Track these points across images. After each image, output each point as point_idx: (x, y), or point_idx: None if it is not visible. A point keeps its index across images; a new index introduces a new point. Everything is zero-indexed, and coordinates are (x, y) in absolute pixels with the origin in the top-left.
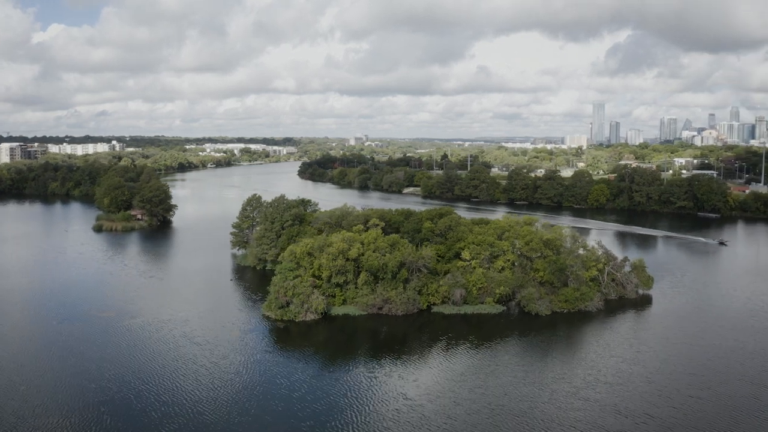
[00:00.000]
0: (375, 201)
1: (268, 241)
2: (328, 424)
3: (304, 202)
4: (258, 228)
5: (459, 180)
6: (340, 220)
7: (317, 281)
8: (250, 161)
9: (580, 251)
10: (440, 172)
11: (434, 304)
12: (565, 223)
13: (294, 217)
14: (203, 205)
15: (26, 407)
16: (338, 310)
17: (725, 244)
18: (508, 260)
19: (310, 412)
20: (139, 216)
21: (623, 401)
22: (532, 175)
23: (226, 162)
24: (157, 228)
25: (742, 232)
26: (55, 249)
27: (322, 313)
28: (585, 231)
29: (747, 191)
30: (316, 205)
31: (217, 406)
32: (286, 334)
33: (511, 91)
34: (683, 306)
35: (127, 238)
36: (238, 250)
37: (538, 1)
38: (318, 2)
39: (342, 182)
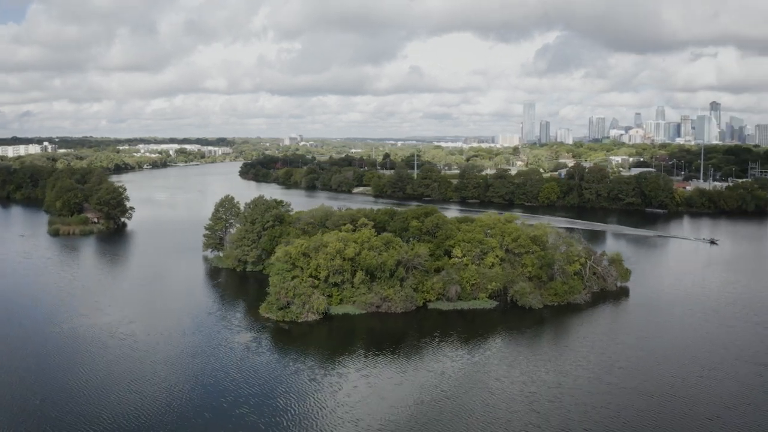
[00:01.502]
0: (327, 201)
1: (248, 242)
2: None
3: (278, 203)
4: (236, 229)
5: (410, 179)
6: (323, 221)
7: (314, 281)
8: (185, 162)
9: (563, 247)
10: (389, 171)
11: (429, 300)
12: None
13: (274, 218)
14: (156, 207)
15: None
16: (337, 310)
17: (716, 243)
18: (497, 256)
19: (368, 411)
20: (95, 219)
21: (642, 384)
22: (484, 173)
23: (162, 163)
24: (115, 231)
25: (693, 226)
26: (18, 254)
27: (322, 313)
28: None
29: (688, 188)
30: (289, 205)
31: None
32: (295, 336)
33: (442, 91)
34: (659, 295)
35: (88, 242)
36: (211, 252)
37: (471, 2)
38: (251, 2)
39: (288, 182)
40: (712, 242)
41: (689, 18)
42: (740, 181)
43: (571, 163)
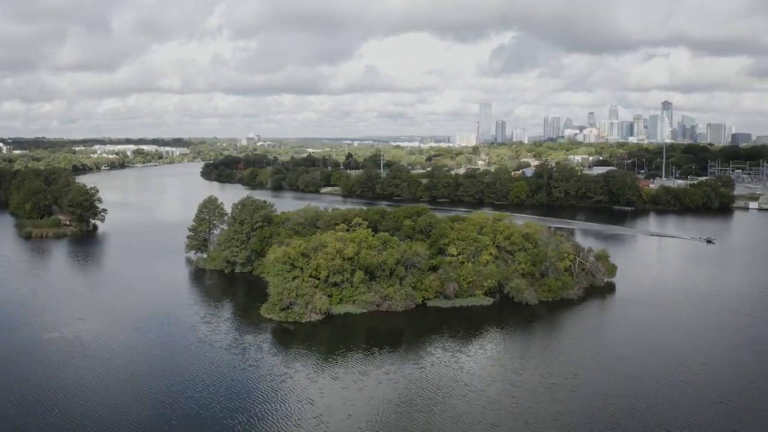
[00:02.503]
0: (295, 201)
1: (237, 243)
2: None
3: (265, 204)
4: (224, 230)
5: (379, 179)
6: (314, 221)
7: (315, 281)
8: (143, 163)
9: (553, 244)
10: (355, 171)
11: (428, 298)
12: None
13: (263, 218)
14: (124, 209)
15: None
16: (338, 310)
17: (713, 242)
18: (491, 254)
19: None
20: (67, 221)
21: (652, 372)
22: (453, 173)
23: (119, 164)
24: (88, 234)
25: (660, 223)
26: None
27: (325, 313)
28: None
29: (651, 185)
30: (272, 206)
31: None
32: (303, 336)
33: (398, 90)
34: (647, 290)
35: (63, 245)
36: (195, 253)
37: (429, 2)
38: (207, 0)
39: (252, 183)
40: (709, 241)
41: (643, 19)
42: (703, 178)
43: (534, 162)
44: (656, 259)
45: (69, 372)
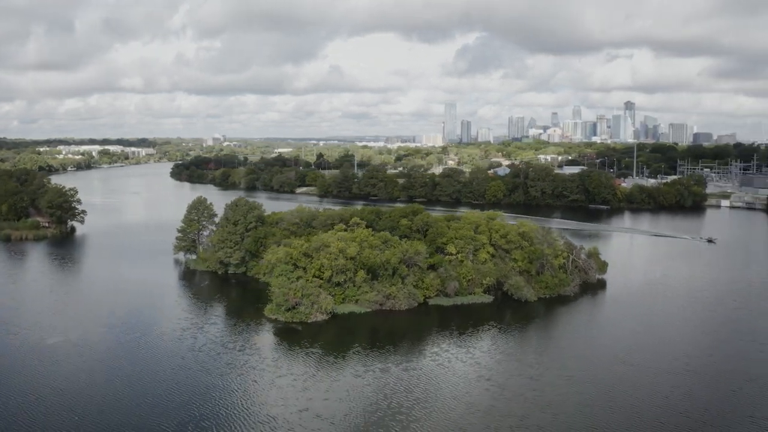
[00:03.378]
0: (272, 202)
1: (231, 244)
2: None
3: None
4: (216, 231)
5: (355, 179)
6: (309, 221)
7: (318, 281)
8: (109, 163)
9: (548, 242)
10: (333, 171)
11: (429, 297)
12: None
13: (257, 219)
14: (99, 211)
15: None
16: (342, 309)
17: (714, 242)
18: (488, 252)
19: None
20: (46, 223)
21: (661, 364)
22: (430, 172)
23: (86, 164)
24: (68, 236)
25: (635, 220)
26: None
27: (330, 313)
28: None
29: (623, 184)
30: (261, 206)
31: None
32: (314, 336)
33: (362, 90)
34: (638, 286)
35: (45, 247)
36: (185, 255)
37: (395, 3)
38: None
39: (225, 183)
40: (710, 241)
41: (606, 20)
42: (673, 177)
43: (505, 162)
44: (649, 257)
45: (82, 377)
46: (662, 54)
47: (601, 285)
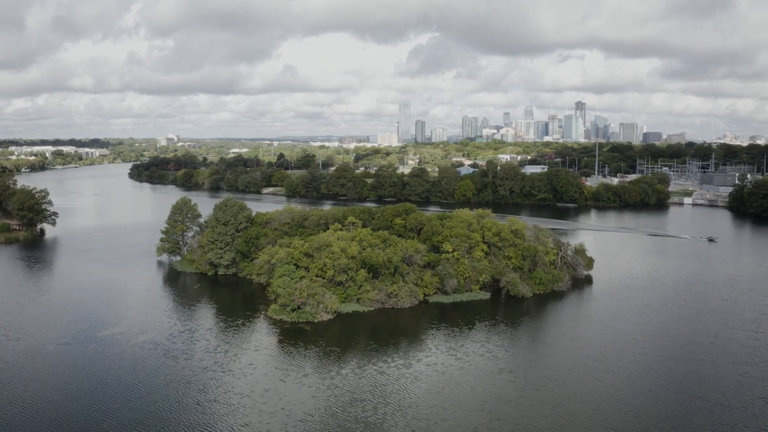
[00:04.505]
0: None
1: (222, 245)
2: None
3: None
4: (197, 232)
5: (324, 179)
6: (300, 221)
7: (322, 281)
8: (63, 164)
9: (539, 239)
10: (301, 171)
11: (428, 295)
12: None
13: (246, 219)
14: (68, 213)
15: None
16: (345, 308)
17: (714, 241)
18: (482, 250)
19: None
20: (16, 226)
21: (667, 352)
22: (399, 172)
23: (39, 165)
24: (39, 239)
25: (602, 218)
26: None
27: (335, 312)
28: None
29: (587, 182)
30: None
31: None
32: (329, 335)
33: (315, 90)
34: (625, 281)
35: (20, 250)
36: (169, 257)
37: (350, 3)
38: None
39: (188, 184)
40: (711, 240)
41: (559, 21)
42: (634, 176)
43: (467, 162)
44: (637, 254)
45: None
46: (613, 55)
47: (589, 280)
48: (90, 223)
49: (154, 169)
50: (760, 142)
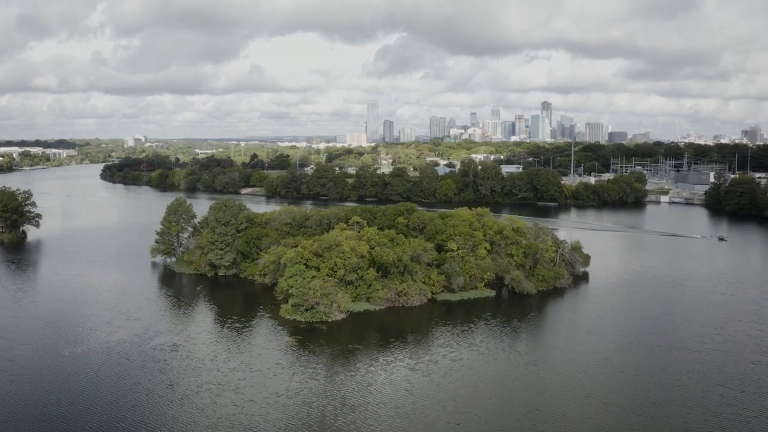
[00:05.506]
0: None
1: (222, 245)
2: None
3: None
4: (205, 232)
5: (304, 179)
6: (302, 221)
7: (333, 280)
8: (31, 166)
9: (540, 237)
10: (280, 172)
11: (435, 293)
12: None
13: (246, 220)
14: (48, 215)
15: None
16: (356, 307)
17: (725, 240)
18: (485, 248)
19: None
20: (1, 229)
21: (683, 342)
22: (379, 172)
23: (7, 167)
24: (22, 240)
25: (581, 216)
26: None
27: (347, 312)
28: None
29: (564, 181)
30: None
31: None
32: (346, 334)
33: (282, 90)
34: (620, 277)
35: (6, 253)
36: (164, 258)
37: (317, 3)
38: None
39: (163, 185)
40: (721, 239)
41: (525, 23)
42: (608, 175)
43: (443, 161)
44: (637, 253)
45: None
46: (578, 56)
47: (585, 277)
48: (72, 225)
49: (127, 170)
50: (725, 141)
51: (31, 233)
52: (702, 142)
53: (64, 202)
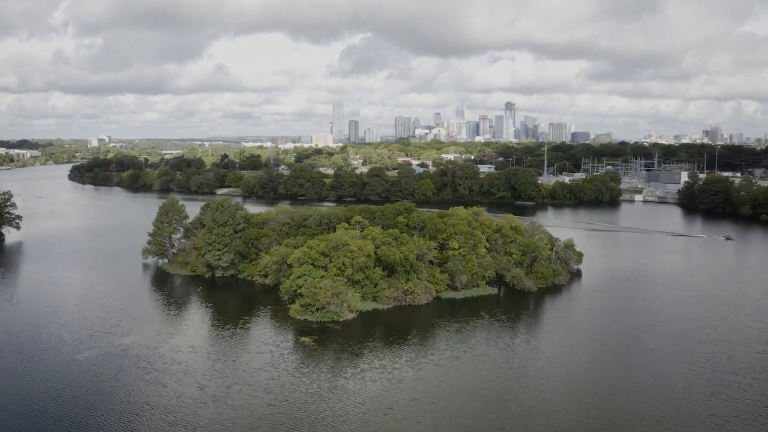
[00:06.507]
0: (194, 204)
1: (220, 246)
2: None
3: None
4: (202, 233)
5: (281, 179)
6: (300, 221)
7: (341, 280)
8: None
9: (536, 235)
10: (256, 172)
11: (439, 291)
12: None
13: (244, 220)
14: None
15: None
16: (365, 306)
17: (731, 239)
18: (485, 247)
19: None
20: None
21: (690, 333)
22: (357, 172)
23: None
24: (1, 243)
25: (558, 215)
26: None
27: (357, 311)
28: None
29: (539, 181)
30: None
31: None
32: (361, 332)
33: (245, 90)
34: (607, 274)
35: None
36: (157, 260)
37: (284, 2)
38: None
39: (135, 185)
40: (728, 238)
41: (489, 23)
42: (583, 174)
43: (415, 162)
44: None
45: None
46: (542, 57)
47: (579, 274)
48: (50, 226)
49: (97, 170)
50: (686, 140)
51: (10, 236)
52: (664, 142)
53: (37, 204)
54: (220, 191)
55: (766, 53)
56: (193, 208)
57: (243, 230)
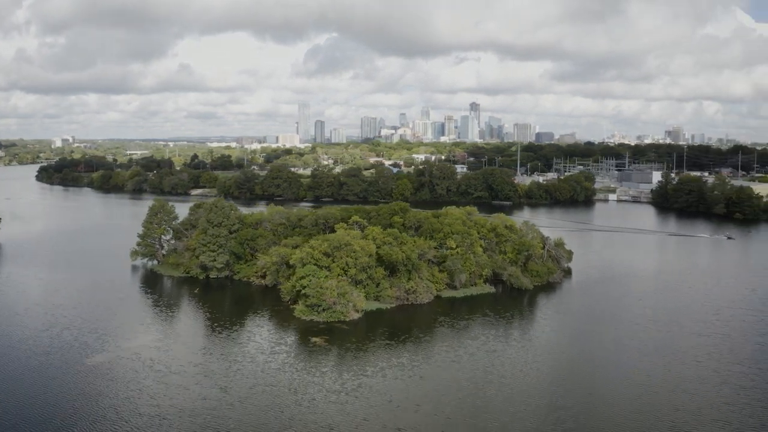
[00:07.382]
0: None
1: (215, 247)
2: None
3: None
4: (196, 233)
5: (257, 179)
6: (296, 222)
7: (345, 280)
8: None
9: (529, 234)
10: (232, 172)
11: (439, 290)
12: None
13: (239, 221)
14: None
15: None
16: (368, 306)
17: (732, 238)
18: (481, 246)
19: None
20: None
21: (691, 327)
22: (335, 172)
23: None
24: None
25: (534, 214)
26: None
27: (361, 311)
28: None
29: (516, 181)
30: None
31: None
32: (370, 332)
33: (209, 90)
34: (596, 272)
35: None
36: (147, 261)
37: (250, 1)
38: None
39: (106, 186)
40: (729, 238)
41: (455, 25)
42: (554, 174)
43: (388, 162)
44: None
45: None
46: (507, 57)
47: (569, 272)
48: (27, 228)
49: (66, 171)
50: (648, 141)
51: None
52: (628, 142)
53: (6, 205)
54: (194, 192)
55: (727, 55)
56: (177, 209)
57: (238, 231)
